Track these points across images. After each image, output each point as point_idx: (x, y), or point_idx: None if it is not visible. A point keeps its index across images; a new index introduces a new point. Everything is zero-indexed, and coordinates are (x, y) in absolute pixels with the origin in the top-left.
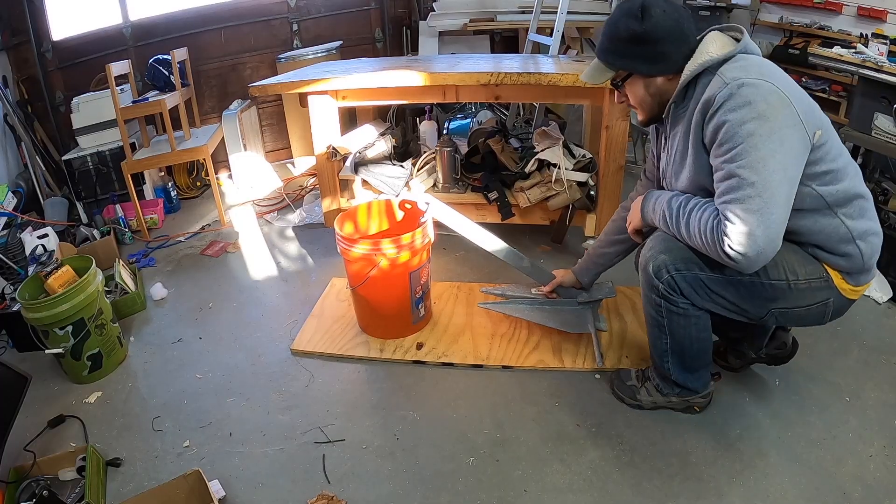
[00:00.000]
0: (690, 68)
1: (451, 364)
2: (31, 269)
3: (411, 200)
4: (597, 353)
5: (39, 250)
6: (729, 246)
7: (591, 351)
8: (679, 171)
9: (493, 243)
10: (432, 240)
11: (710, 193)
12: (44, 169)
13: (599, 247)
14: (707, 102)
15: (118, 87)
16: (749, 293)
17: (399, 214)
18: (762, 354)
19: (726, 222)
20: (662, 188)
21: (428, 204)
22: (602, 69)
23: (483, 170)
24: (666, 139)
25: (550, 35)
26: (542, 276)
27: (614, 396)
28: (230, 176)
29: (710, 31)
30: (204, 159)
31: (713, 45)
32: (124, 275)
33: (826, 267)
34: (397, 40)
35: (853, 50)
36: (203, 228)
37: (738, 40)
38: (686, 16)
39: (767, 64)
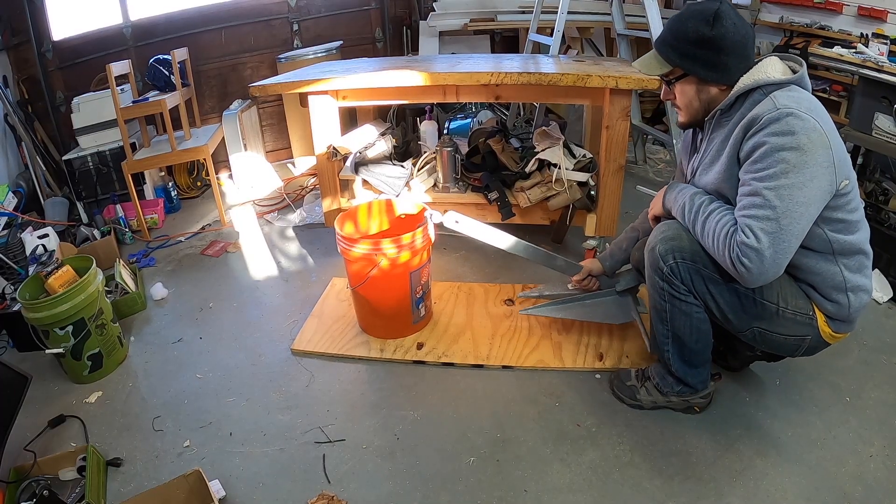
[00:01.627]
0: (746, 81)
1: (451, 364)
2: (31, 269)
3: (436, 216)
4: (646, 339)
5: (40, 250)
6: (738, 256)
7: (591, 351)
8: (705, 174)
9: (523, 249)
10: (433, 240)
11: (727, 201)
12: (44, 169)
13: (622, 237)
14: (753, 120)
15: (118, 87)
16: (740, 305)
17: (403, 213)
18: (759, 353)
19: (741, 234)
20: None
21: (458, 222)
22: (659, 62)
23: (483, 170)
24: (702, 141)
25: (551, 35)
26: (575, 271)
27: (614, 396)
28: (230, 176)
29: (770, 54)
30: (204, 159)
31: (772, 68)
32: (125, 275)
33: (814, 307)
34: (397, 40)
35: (853, 50)
36: (203, 228)
37: (795, 71)
38: (752, 35)
39: (816, 103)
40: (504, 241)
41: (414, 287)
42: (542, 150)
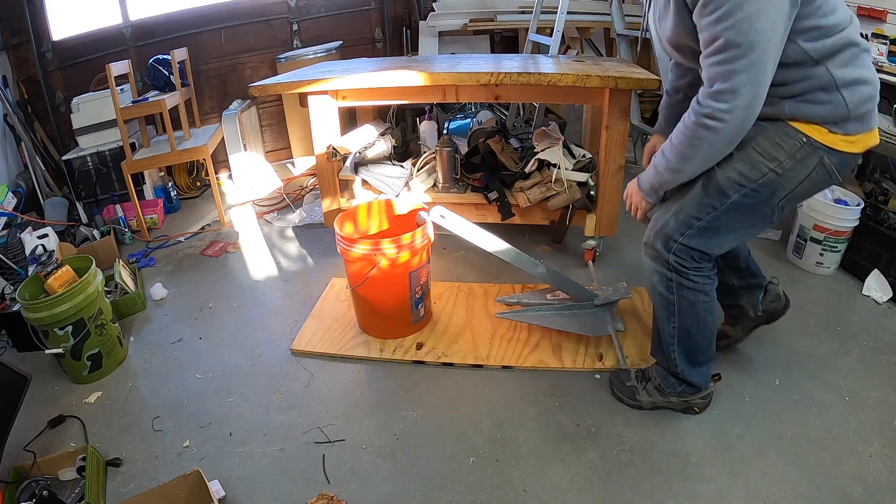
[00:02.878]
0: None
1: (451, 364)
2: (31, 269)
3: (422, 209)
4: (619, 354)
5: (39, 250)
6: (713, 109)
7: (591, 351)
8: (663, 26)
9: (507, 252)
10: (432, 240)
11: (693, 51)
12: (44, 169)
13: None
14: None
15: (118, 87)
16: (749, 206)
17: (399, 213)
18: (760, 312)
19: (708, 88)
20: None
21: (443, 217)
22: None
23: (483, 170)
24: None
25: (550, 35)
26: (557, 280)
27: (614, 396)
28: (230, 176)
29: None
30: (204, 159)
31: None
32: (124, 275)
33: (802, 128)
34: (397, 40)
35: None
36: (203, 228)
37: None
38: None
39: None
40: (488, 241)
41: (413, 287)
42: (542, 150)
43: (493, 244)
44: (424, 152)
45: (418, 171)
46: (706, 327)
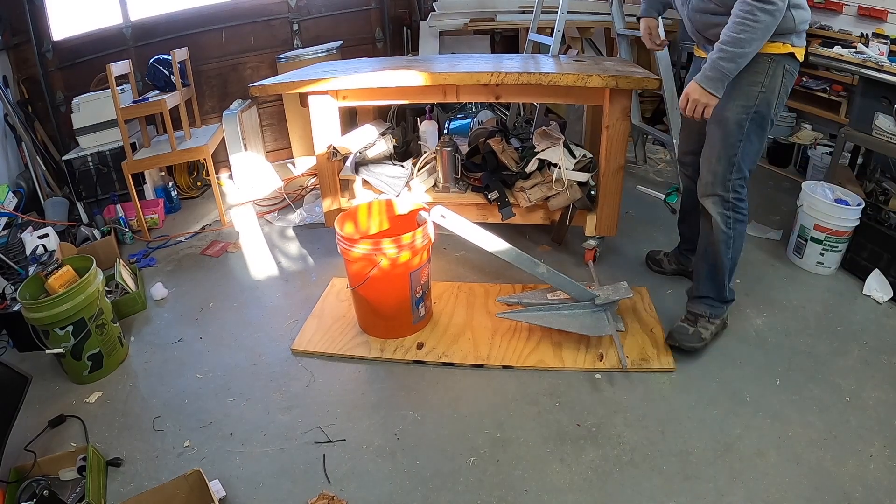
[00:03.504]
0: None
1: (451, 364)
2: (31, 269)
3: (422, 209)
4: (620, 354)
5: (40, 250)
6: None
7: (591, 351)
8: None
9: (507, 252)
10: (433, 240)
11: None
12: (44, 169)
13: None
14: None
15: (118, 87)
16: (758, 123)
17: (399, 213)
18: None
19: None
20: None
21: (443, 217)
22: None
23: (483, 170)
24: None
25: (551, 35)
26: (558, 281)
27: (684, 350)
28: (231, 176)
29: None
30: (204, 159)
31: None
32: (125, 275)
33: (764, 51)
34: (397, 40)
35: (854, 50)
36: (203, 228)
37: None
38: None
39: None
40: (488, 241)
41: (414, 287)
42: (543, 150)
43: (494, 244)
44: (425, 152)
45: (419, 170)
46: (741, 249)
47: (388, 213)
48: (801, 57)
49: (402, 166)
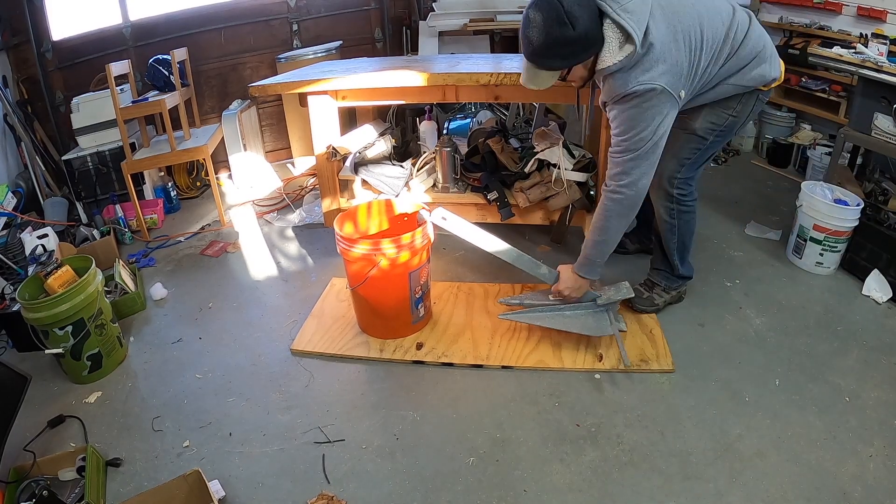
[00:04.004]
0: (607, 63)
1: (451, 364)
2: (31, 269)
3: (423, 210)
4: (623, 353)
5: (39, 250)
6: (617, 187)
7: (591, 351)
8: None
9: (508, 253)
10: (432, 240)
11: None
12: (44, 169)
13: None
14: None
15: (118, 87)
16: (719, 140)
17: (398, 212)
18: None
19: (615, 172)
20: None
21: (445, 219)
22: (549, 75)
23: (483, 170)
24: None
25: None
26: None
27: (639, 312)
28: (230, 176)
29: (608, 24)
30: (204, 159)
31: (608, 52)
32: (124, 275)
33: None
34: (397, 40)
35: (853, 50)
36: (203, 228)
37: (629, 37)
38: (593, 5)
39: (656, 62)
40: (489, 242)
41: (413, 287)
42: (542, 150)
43: (495, 245)
44: (424, 152)
45: (418, 171)
46: (692, 234)
47: (387, 214)
48: (782, 78)
49: (402, 166)
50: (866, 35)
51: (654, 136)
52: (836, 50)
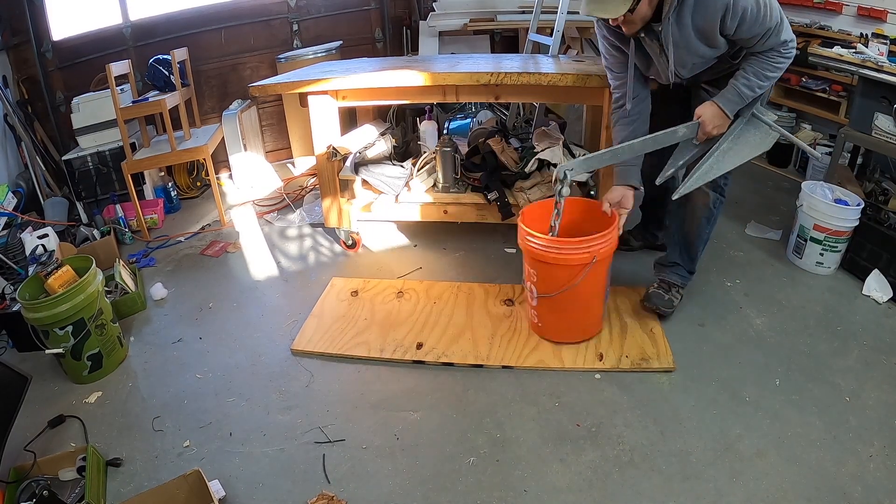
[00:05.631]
0: None
1: (451, 364)
2: (31, 269)
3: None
4: (807, 148)
5: (39, 250)
6: (789, 48)
7: (591, 351)
8: (686, 52)
9: (644, 143)
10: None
11: (708, 60)
12: (44, 169)
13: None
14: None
15: (118, 87)
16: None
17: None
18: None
19: (777, 40)
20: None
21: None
22: (620, 2)
23: (483, 170)
24: (654, 39)
25: (550, 35)
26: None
27: (659, 313)
28: (230, 176)
29: None
30: (204, 159)
31: None
32: (124, 275)
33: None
34: (397, 40)
35: (853, 50)
36: (203, 228)
37: None
38: None
39: None
40: (622, 152)
41: (608, 282)
42: (542, 150)
43: (631, 149)
44: (424, 152)
45: (418, 170)
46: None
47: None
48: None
49: (402, 166)
50: (866, 35)
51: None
52: (837, 50)
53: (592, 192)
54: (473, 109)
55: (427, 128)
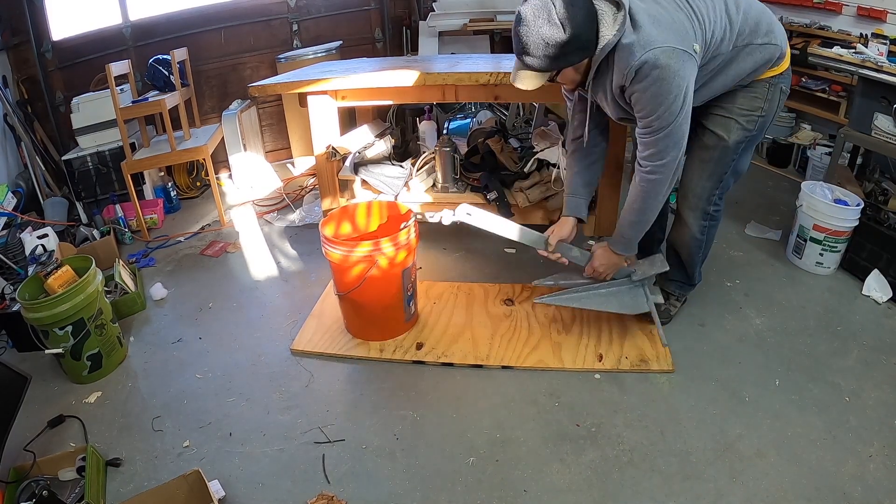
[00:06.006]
0: (601, 48)
1: (451, 364)
2: (31, 269)
3: (447, 215)
4: (659, 330)
5: (39, 250)
6: (654, 167)
7: (591, 351)
8: (605, 108)
9: (538, 241)
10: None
11: (631, 118)
12: (44, 169)
13: (572, 181)
14: (623, 76)
15: (118, 87)
16: (751, 144)
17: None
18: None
19: (647, 152)
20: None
21: (469, 214)
22: (539, 76)
23: (482, 170)
24: (587, 90)
25: None
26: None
27: (659, 324)
28: (230, 176)
29: (598, 1)
30: (204, 159)
31: (606, 27)
32: (124, 275)
33: (761, 78)
34: (397, 40)
35: (853, 50)
36: (203, 228)
37: (619, 6)
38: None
39: (647, 22)
40: (517, 232)
41: (406, 285)
42: (542, 150)
43: (525, 235)
44: (424, 152)
45: (418, 171)
46: (713, 242)
47: (361, 216)
48: (788, 64)
49: (402, 166)
50: (866, 35)
51: (683, 104)
52: (836, 50)
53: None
54: (473, 109)
55: (426, 128)
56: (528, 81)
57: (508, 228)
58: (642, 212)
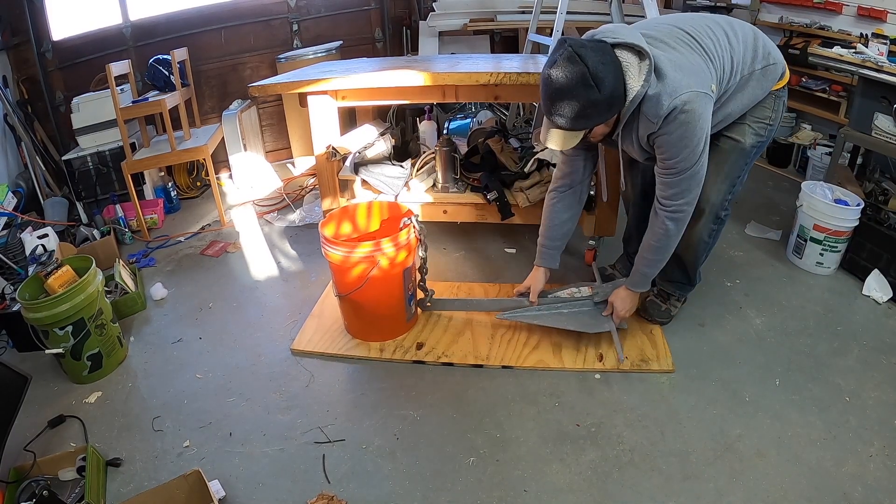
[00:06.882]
0: (628, 102)
1: (451, 364)
2: (31, 269)
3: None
4: (618, 349)
5: (39, 250)
6: (677, 206)
7: (591, 351)
8: (641, 155)
9: (514, 304)
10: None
11: (652, 157)
12: (44, 169)
13: (551, 232)
14: (649, 126)
15: (118, 87)
16: (760, 150)
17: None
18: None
19: (669, 192)
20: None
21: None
22: (573, 135)
23: (483, 170)
24: (615, 139)
25: (550, 35)
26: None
27: (655, 323)
28: (230, 176)
29: (621, 53)
30: (204, 159)
31: (633, 79)
32: (124, 275)
33: (773, 93)
34: (397, 40)
35: (853, 50)
36: (203, 228)
37: (642, 56)
38: (612, 57)
39: (670, 69)
40: (489, 305)
41: (407, 285)
42: (542, 150)
43: (504, 304)
44: (424, 152)
45: (418, 170)
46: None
47: (360, 217)
48: (787, 74)
49: (402, 166)
50: (866, 35)
51: (705, 146)
52: (837, 50)
53: (591, 193)
54: (473, 109)
55: (427, 128)
56: (562, 141)
57: (484, 304)
58: (663, 250)
